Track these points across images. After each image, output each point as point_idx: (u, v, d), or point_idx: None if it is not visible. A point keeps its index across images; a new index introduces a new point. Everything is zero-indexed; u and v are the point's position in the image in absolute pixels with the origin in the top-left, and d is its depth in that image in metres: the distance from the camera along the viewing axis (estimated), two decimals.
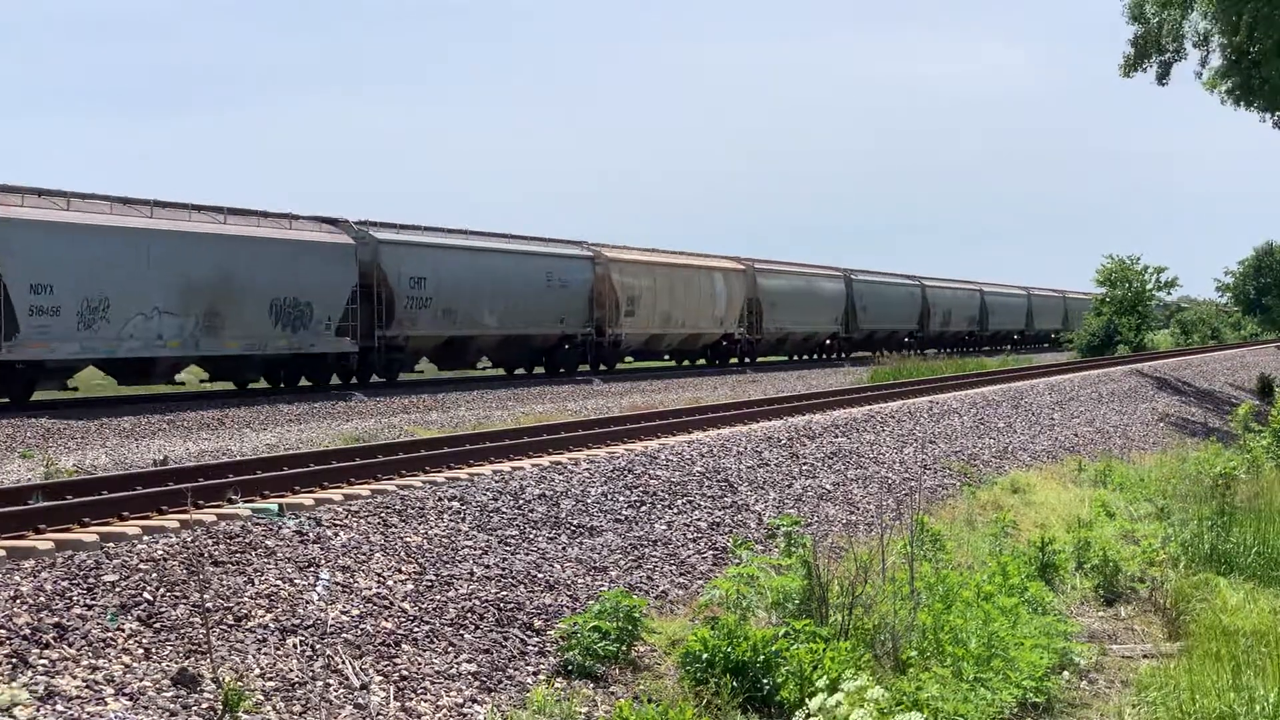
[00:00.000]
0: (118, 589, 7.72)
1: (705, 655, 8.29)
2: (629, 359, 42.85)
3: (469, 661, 8.14)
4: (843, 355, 54.76)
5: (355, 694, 7.34)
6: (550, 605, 9.40)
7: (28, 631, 6.96)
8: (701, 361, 45.99)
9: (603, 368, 38.92)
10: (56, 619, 7.18)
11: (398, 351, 31.15)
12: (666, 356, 45.25)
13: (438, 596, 8.98)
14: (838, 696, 7.41)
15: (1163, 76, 34.63)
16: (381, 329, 30.30)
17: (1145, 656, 10.76)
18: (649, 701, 7.77)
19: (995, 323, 71.54)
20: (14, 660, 6.66)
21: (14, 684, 6.44)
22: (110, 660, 6.92)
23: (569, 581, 10.04)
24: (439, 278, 31.71)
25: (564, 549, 10.79)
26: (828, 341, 54.44)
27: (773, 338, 48.79)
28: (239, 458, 15.27)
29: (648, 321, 40.75)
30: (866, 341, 58.23)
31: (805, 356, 54.27)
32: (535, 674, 8.23)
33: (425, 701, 7.48)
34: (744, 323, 46.24)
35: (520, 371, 37.66)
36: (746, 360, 46.71)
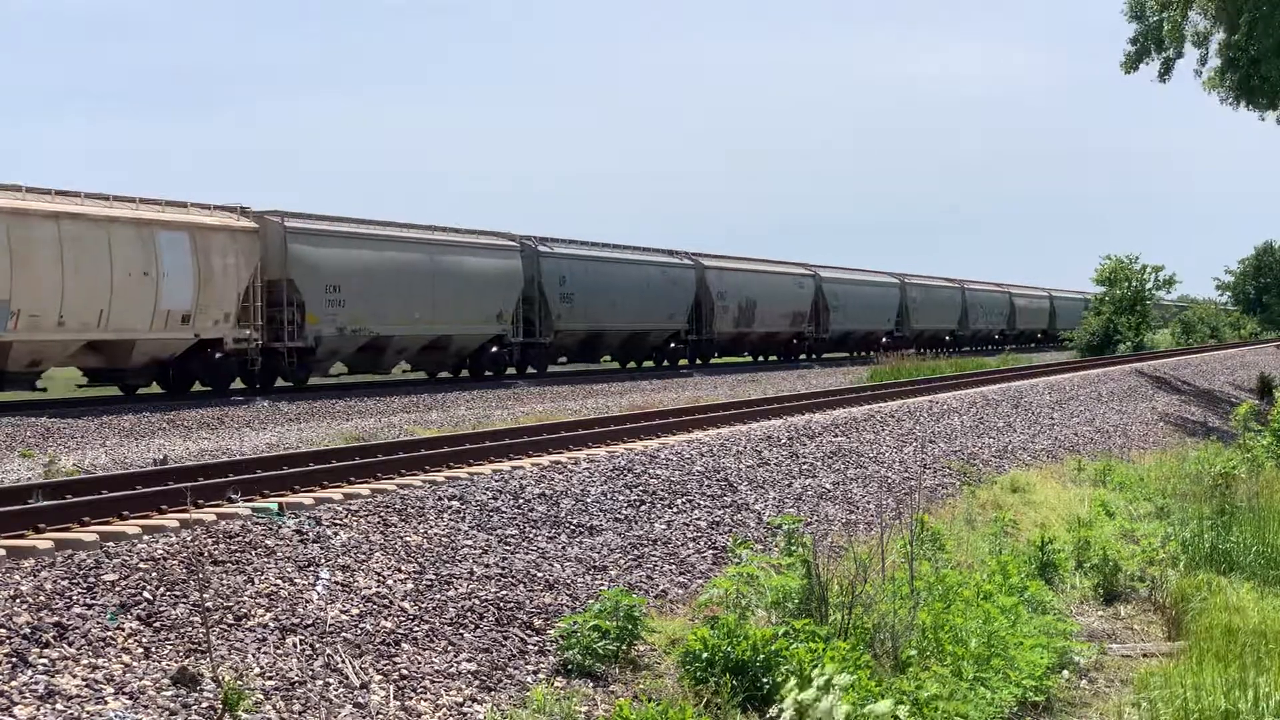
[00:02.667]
0: (118, 588, 7.72)
1: (705, 654, 8.29)
2: None
3: (469, 661, 8.14)
4: (521, 371, 35.83)
5: (355, 693, 7.33)
6: (550, 604, 9.40)
7: (28, 631, 6.96)
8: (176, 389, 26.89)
9: None
10: (56, 618, 7.17)
11: None
12: (40, 384, 24.76)
13: (437, 596, 8.98)
14: (810, 691, 7.48)
15: (1164, 74, 34.68)
16: None
17: (1145, 656, 10.76)
18: (649, 700, 7.77)
19: (838, 322, 53.55)
20: (14, 659, 6.66)
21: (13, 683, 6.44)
22: (110, 659, 6.92)
23: (569, 581, 10.04)
24: None
25: (564, 548, 10.79)
26: (494, 350, 34.45)
27: (338, 348, 29.83)
28: (239, 457, 15.26)
29: None
30: (586, 350, 39.53)
31: (445, 374, 34.46)
32: (535, 673, 8.23)
33: (425, 701, 7.48)
34: (255, 320, 27.52)
35: None
36: (290, 383, 28.97)
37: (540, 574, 10.00)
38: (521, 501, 11.66)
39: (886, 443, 18.52)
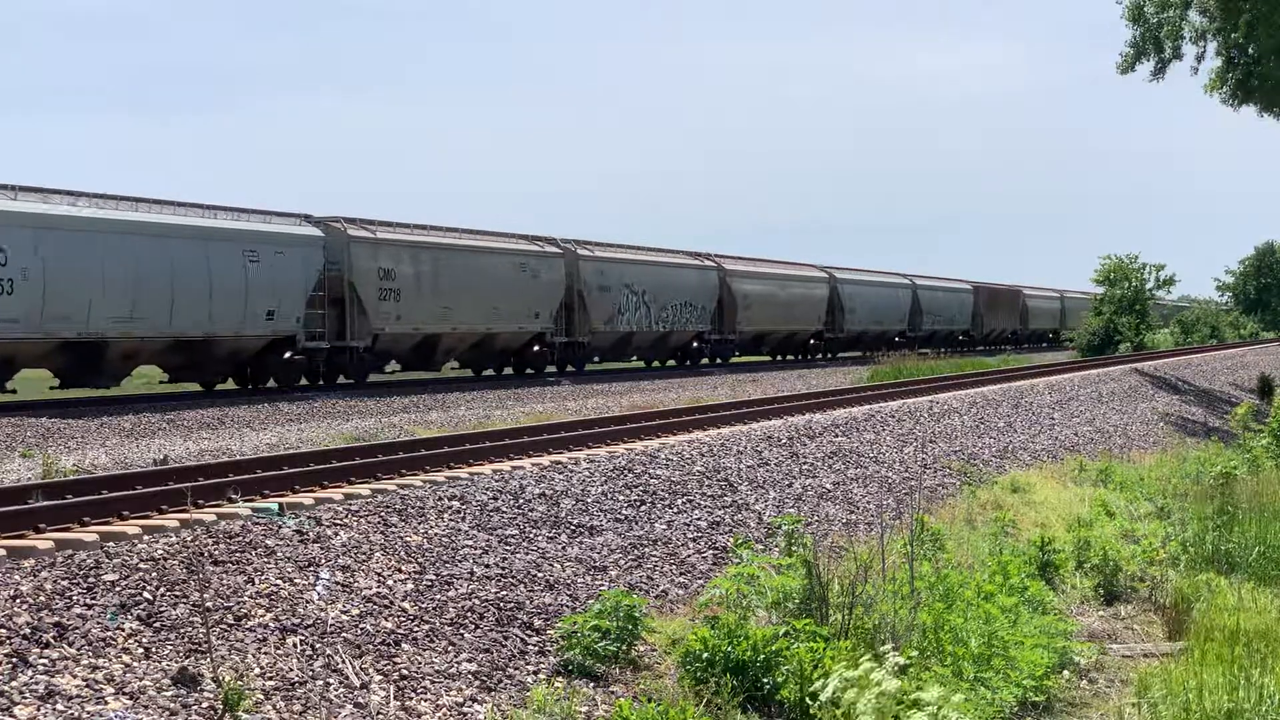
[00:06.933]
0: (118, 588, 7.71)
1: (705, 654, 8.28)
2: None
3: (469, 661, 8.13)
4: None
5: (355, 693, 7.33)
6: (550, 605, 9.39)
7: (28, 631, 6.96)
8: None
9: None
10: (56, 618, 7.17)
11: None
12: None
13: (438, 596, 8.97)
14: (833, 682, 7.39)
15: (1158, 73, 34.71)
16: None
17: (1145, 656, 10.75)
18: (649, 701, 7.76)
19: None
20: (14, 660, 6.65)
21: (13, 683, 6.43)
22: (110, 660, 6.91)
23: (569, 581, 10.03)
24: None
25: (564, 548, 10.79)
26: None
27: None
28: (239, 457, 15.25)
29: None
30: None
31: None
32: (535, 673, 8.22)
33: (425, 701, 7.48)
34: None
35: None
36: None
37: (540, 574, 9.99)
38: (521, 501, 11.65)
39: (887, 443, 18.51)
